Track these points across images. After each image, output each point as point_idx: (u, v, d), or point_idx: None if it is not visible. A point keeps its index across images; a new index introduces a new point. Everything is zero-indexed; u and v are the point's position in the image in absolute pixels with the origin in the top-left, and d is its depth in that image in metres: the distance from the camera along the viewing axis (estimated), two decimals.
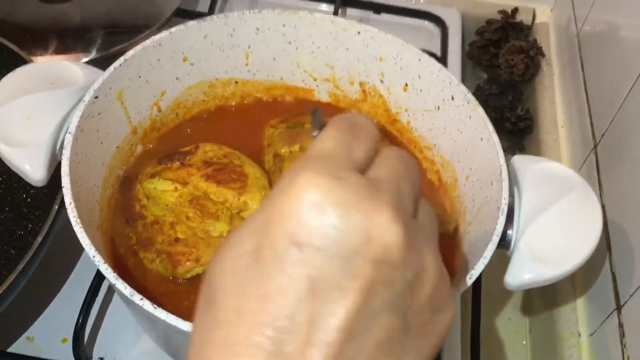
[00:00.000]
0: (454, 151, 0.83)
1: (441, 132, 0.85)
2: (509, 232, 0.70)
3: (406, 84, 0.86)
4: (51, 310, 0.87)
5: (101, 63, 0.85)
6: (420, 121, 0.87)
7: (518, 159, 0.76)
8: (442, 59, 1.13)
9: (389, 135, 0.90)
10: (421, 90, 0.85)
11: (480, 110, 0.77)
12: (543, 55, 1.24)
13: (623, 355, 0.76)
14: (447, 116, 0.83)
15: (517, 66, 1.20)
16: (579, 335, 0.89)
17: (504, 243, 0.70)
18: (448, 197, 0.84)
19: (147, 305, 0.57)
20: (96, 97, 0.73)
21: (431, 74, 0.83)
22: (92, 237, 0.66)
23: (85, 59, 0.96)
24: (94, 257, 0.59)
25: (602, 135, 0.94)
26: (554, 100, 1.18)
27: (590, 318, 0.89)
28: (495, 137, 0.74)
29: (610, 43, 0.98)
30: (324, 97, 0.94)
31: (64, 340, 0.85)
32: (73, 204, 0.63)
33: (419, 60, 0.83)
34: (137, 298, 0.57)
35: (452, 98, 0.81)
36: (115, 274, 0.58)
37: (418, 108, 0.87)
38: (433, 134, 0.86)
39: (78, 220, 0.62)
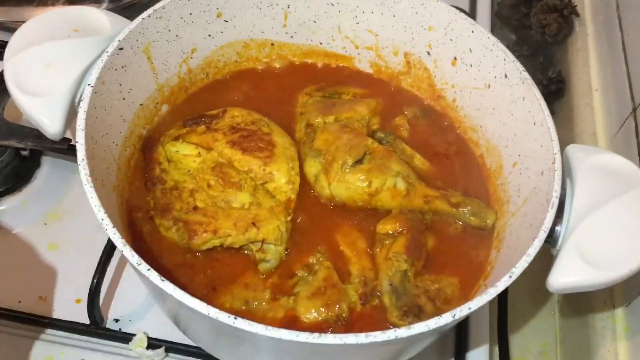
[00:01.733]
0: (502, 134, 0.76)
1: (489, 112, 0.78)
2: (557, 228, 0.63)
3: (455, 58, 0.79)
4: (65, 269, 0.84)
5: (129, 12, 0.80)
6: (468, 99, 0.80)
7: (573, 149, 0.69)
8: (471, 17, 1.05)
9: (432, 112, 0.84)
10: (471, 66, 0.78)
11: (536, 91, 0.70)
12: (577, 14, 1.15)
13: None
14: (498, 96, 0.75)
15: (550, 26, 1.12)
16: (613, 306, 0.82)
17: (551, 240, 0.64)
18: (491, 184, 0.77)
19: (154, 276, 0.53)
20: (121, 49, 0.68)
21: (484, 48, 0.75)
22: (106, 197, 0.62)
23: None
24: (102, 220, 0.55)
25: None
26: (588, 63, 1.09)
27: (626, 289, 0.82)
28: (550, 122, 0.67)
29: None
30: (364, 67, 0.88)
31: (78, 301, 0.81)
32: (86, 161, 0.59)
33: (472, 32, 0.76)
34: (144, 268, 0.53)
35: (505, 76, 0.74)
36: (123, 240, 0.54)
37: (466, 85, 0.80)
38: (480, 114, 0.79)
39: (89, 179, 0.57)
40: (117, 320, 0.80)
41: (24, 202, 0.89)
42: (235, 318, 0.51)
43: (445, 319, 0.53)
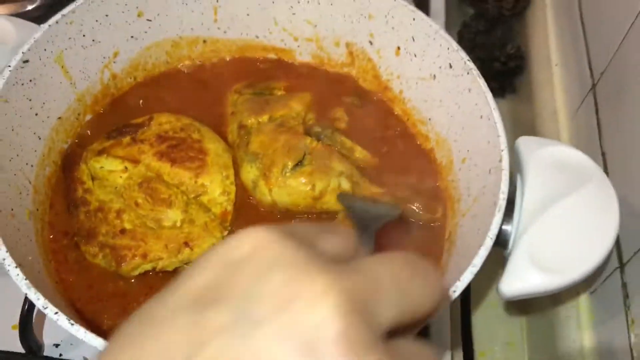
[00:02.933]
0: (450, 128, 0.71)
1: (437, 104, 0.73)
2: (507, 228, 0.59)
3: (398, 47, 0.74)
4: (2, 295, 0.78)
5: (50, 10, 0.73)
6: (414, 91, 0.75)
7: (524, 141, 0.65)
8: None
9: (374, 101, 0.79)
10: (415, 55, 0.73)
11: (482, 82, 0.65)
12: None
13: (627, 318, 0.67)
14: (444, 87, 0.71)
15: None
16: (578, 293, 0.79)
17: (501, 242, 0.60)
18: (442, 181, 0.73)
19: (62, 320, 0.48)
20: (26, 61, 0.62)
21: (427, 36, 0.70)
22: (16, 229, 0.56)
23: (31, 7, 0.84)
24: (3, 259, 0.50)
25: (601, 74, 0.81)
26: (547, 36, 1.04)
27: (590, 277, 0.79)
28: (497, 116, 0.63)
29: None
30: (306, 59, 0.82)
31: (15, 327, 0.76)
32: None
33: (413, 19, 0.71)
34: (50, 311, 0.48)
35: (450, 66, 0.69)
36: (27, 281, 0.49)
37: (412, 75, 0.75)
38: (428, 106, 0.74)
39: None
40: (57, 345, 0.75)
41: None
42: None
43: None
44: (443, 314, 0.77)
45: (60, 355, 0.74)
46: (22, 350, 0.72)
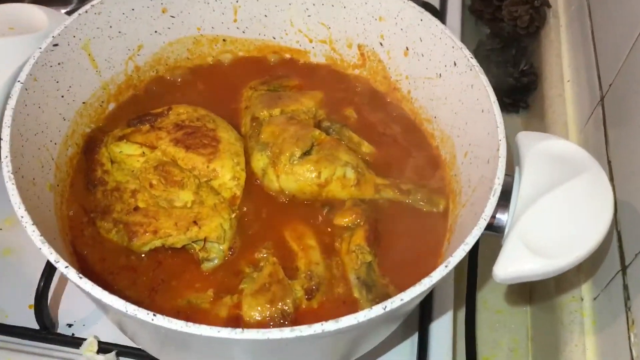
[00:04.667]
0: (453, 124, 0.74)
1: (442, 102, 0.75)
2: (502, 216, 0.61)
3: (407, 48, 0.77)
4: (20, 275, 0.82)
5: None
6: (421, 90, 0.78)
7: (523, 136, 0.67)
8: (441, 13, 1.04)
9: (383, 102, 0.82)
10: (422, 55, 0.76)
11: (483, 78, 0.68)
12: (549, 6, 1.13)
13: (627, 319, 0.67)
14: (449, 85, 0.73)
15: (521, 18, 1.11)
16: (582, 299, 0.80)
17: (497, 228, 0.62)
18: (446, 175, 0.75)
19: (71, 273, 0.51)
20: (56, 45, 0.67)
21: (433, 36, 0.73)
22: (36, 196, 0.60)
23: (64, 10, 0.90)
24: (22, 217, 0.54)
25: (609, 86, 0.84)
26: (560, 54, 1.08)
27: (593, 281, 0.80)
28: (496, 109, 0.65)
29: None
30: (320, 60, 0.86)
31: (31, 307, 0.79)
32: (9, 158, 0.57)
33: (421, 20, 0.74)
34: (61, 265, 0.51)
35: (455, 64, 0.72)
36: (42, 238, 0.52)
37: (419, 75, 0.78)
38: (434, 104, 0.77)
39: (12, 176, 0.56)
40: (70, 325, 0.78)
41: None
42: (154, 315, 0.49)
43: (376, 311, 0.51)
44: (446, 317, 0.78)
45: (73, 334, 0.77)
46: (37, 327, 0.75)
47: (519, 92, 1.12)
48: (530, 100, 1.12)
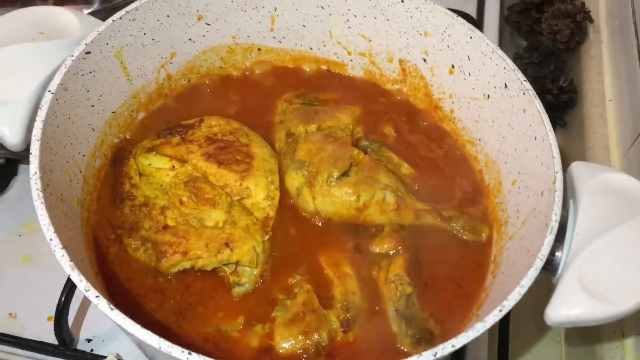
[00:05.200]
0: (501, 149, 0.70)
1: (488, 125, 0.72)
2: (558, 254, 0.57)
3: (453, 66, 0.74)
4: (38, 284, 0.79)
5: (107, 15, 0.76)
6: (466, 111, 0.75)
7: (577, 166, 0.63)
8: (478, 24, 1.00)
9: (425, 120, 0.78)
10: (469, 74, 0.72)
11: (538, 103, 0.64)
12: (591, 20, 1.09)
13: None
14: (498, 107, 0.70)
15: (562, 32, 1.06)
16: (623, 335, 0.76)
17: (550, 267, 0.58)
18: (490, 202, 0.71)
19: (102, 304, 0.48)
20: (88, 53, 0.64)
21: (483, 55, 0.70)
22: (63, 213, 0.57)
23: (87, 11, 0.86)
24: (50, 239, 0.50)
25: None
26: (602, 71, 1.03)
27: (637, 317, 0.75)
28: (552, 138, 0.61)
29: None
30: (358, 74, 0.82)
31: (50, 319, 0.77)
32: (39, 175, 0.54)
33: (470, 38, 0.70)
34: (92, 294, 0.48)
35: (505, 86, 0.68)
36: (71, 263, 0.49)
37: (464, 95, 0.74)
38: (479, 126, 0.73)
39: (40, 195, 0.53)
40: (89, 340, 0.75)
41: None
42: (189, 354, 0.46)
43: (426, 357, 0.47)
44: (480, 345, 0.75)
45: (92, 350, 0.74)
46: (55, 342, 0.72)
47: (557, 109, 1.08)
48: (568, 118, 1.08)
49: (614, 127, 0.99)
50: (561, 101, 1.07)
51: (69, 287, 0.70)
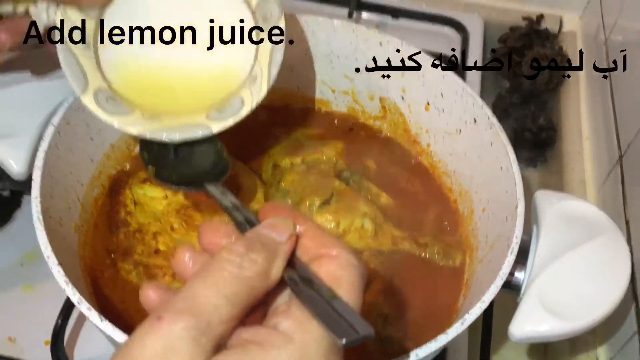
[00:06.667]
0: (472, 180, 0.75)
1: (461, 157, 0.77)
2: (519, 275, 0.61)
3: (428, 102, 0.79)
4: (38, 310, 0.83)
5: None
6: (441, 144, 0.80)
7: (541, 195, 0.68)
8: (462, 67, 1.06)
9: (404, 155, 0.83)
10: (443, 110, 0.78)
11: (503, 136, 0.69)
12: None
13: None
14: (469, 141, 0.75)
15: (541, 75, 1.12)
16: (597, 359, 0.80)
17: (513, 287, 0.62)
18: (464, 230, 0.76)
19: (93, 316, 0.52)
20: None
21: (455, 93, 0.75)
22: (62, 238, 0.62)
23: None
24: (48, 257, 0.55)
25: (629, 145, 0.85)
26: (579, 111, 1.11)
27: (609, 342, 0.80)
28: (515, 168, 0.66)
29: (639, 51, 0.89)
30: (342, 110, 0.88)
31: (47, 343, 0.80)
32: (39, 199, 0.59)
33: (443, 77, 0.76)
34: (84, 306, 0.52)
35: (475, 121, 0.73)
36: (66, 278, 0.54)
37: (439, 130, 0.79)
38: (453, 159, 0.78)
39: (40, 217, 0.58)
40: None
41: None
42: None
43: None
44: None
45: None
46: None
47: (537, 147, 1.13)
48: (549, 155, 1.13)
49: (590, 163, 1.04)
50: (541, 139, 1.11)
51: (66, 310, 0.74)
